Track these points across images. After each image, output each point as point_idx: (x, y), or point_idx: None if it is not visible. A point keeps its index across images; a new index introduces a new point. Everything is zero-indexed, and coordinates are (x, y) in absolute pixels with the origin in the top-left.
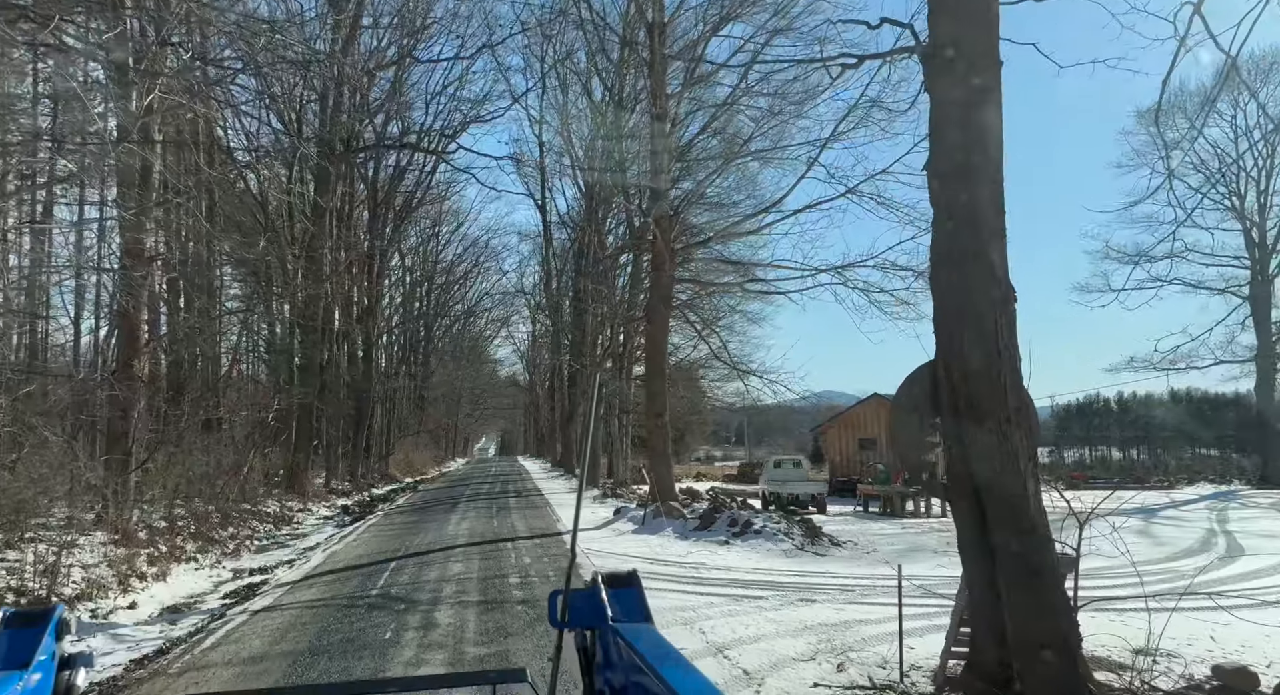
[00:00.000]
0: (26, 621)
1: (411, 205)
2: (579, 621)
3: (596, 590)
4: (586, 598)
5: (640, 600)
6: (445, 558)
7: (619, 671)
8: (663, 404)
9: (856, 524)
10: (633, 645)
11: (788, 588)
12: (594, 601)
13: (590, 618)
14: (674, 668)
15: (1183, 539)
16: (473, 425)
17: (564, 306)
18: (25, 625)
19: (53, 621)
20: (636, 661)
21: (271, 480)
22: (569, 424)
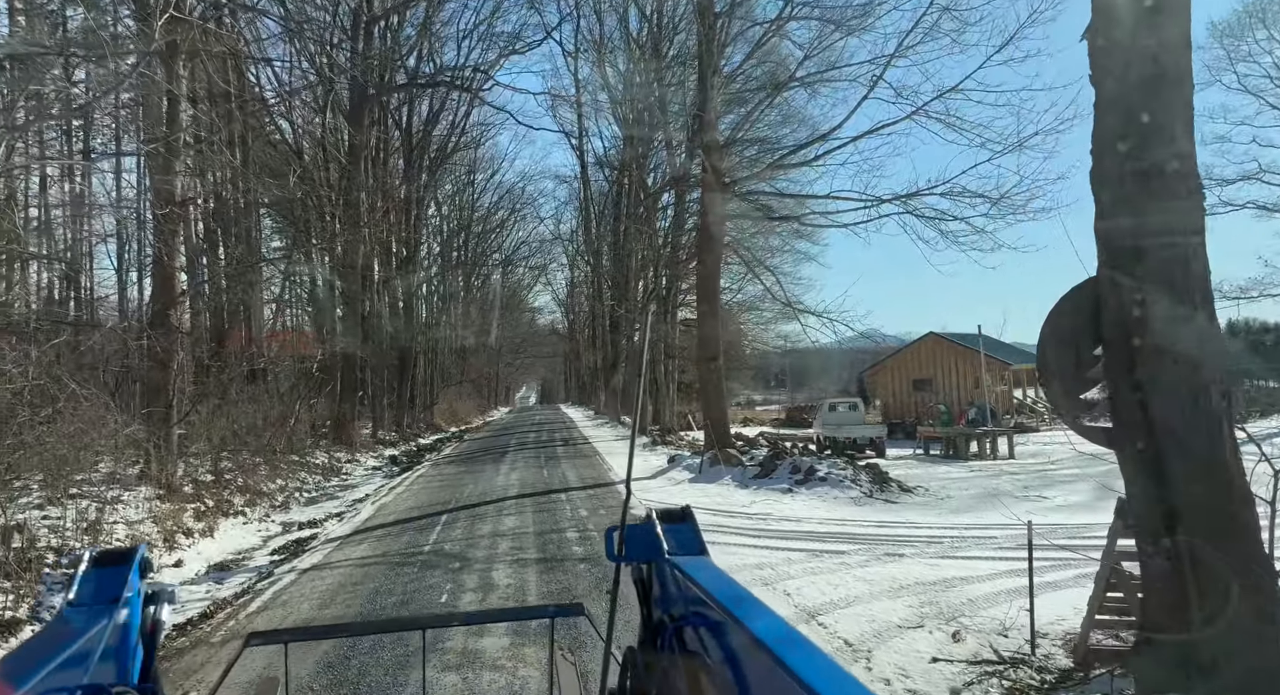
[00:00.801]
0: (112, 560)
1: (446, 151)
2: (635, 555)
3: (652, 525)
4: (642, 532)
5: (695, 534)
6: (498, 511)
7: (677, 602)
8: (716, 347)
9: (920, 468)
10: (690, 576)
11: (867, 540)
12: (650, 536)
13: (647, 552)
14: (732, 595)
15: None
16: (514, 375)
17: (603, 250)
18: (112, 564)
19: (136, 560)
20: (694, 591)
21: (318, 431)
22: (613, 371)
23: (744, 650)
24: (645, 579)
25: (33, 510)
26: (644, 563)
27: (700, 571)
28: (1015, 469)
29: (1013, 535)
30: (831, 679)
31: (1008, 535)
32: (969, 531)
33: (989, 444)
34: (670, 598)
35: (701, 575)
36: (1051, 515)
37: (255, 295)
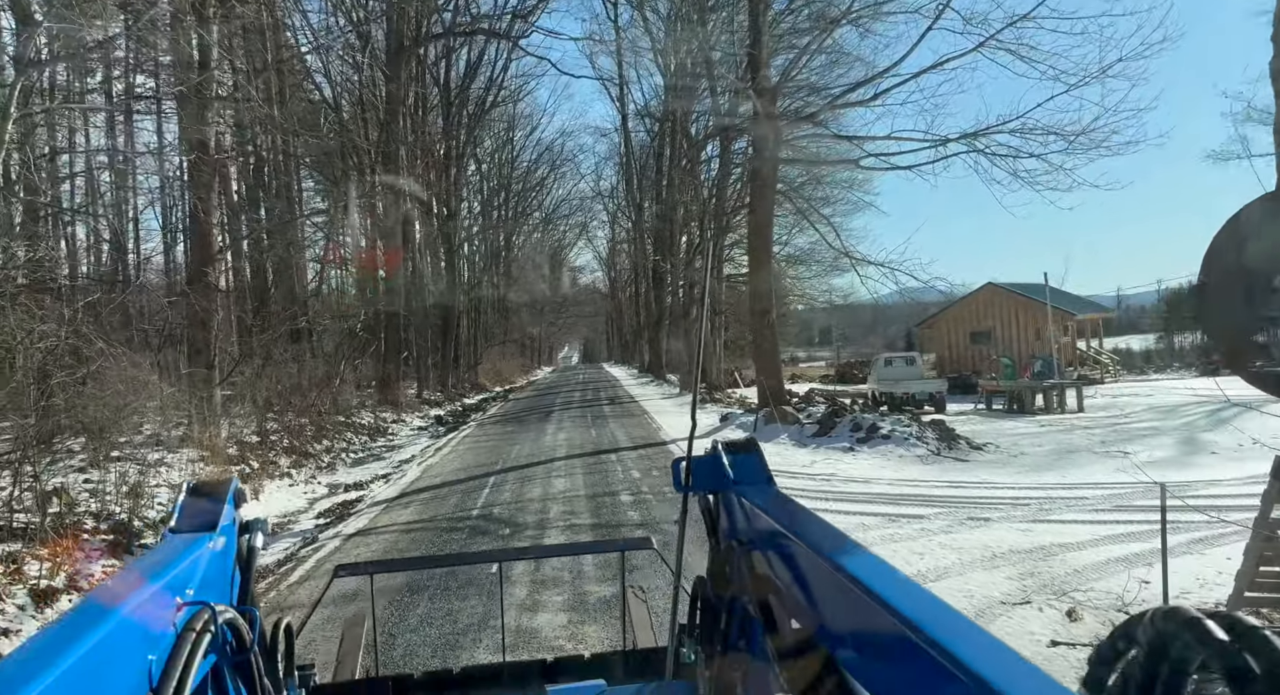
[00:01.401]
0: (208, 491)
1: (485, 106)
2: (702, 485)
3: (718, 456)
4: (709, 463)
5: (761, 464)
6: (546, 472)
7: (745, 530)
8: (769, 300)
9: (985, 423)
10: (757, 504)
11: (944, 502)
12: (716, 466)
13: (713, 481)
14: (802, 520)
15: None
16: (556, 334)
17: (645, 205)
18: (207, 494)
19: (231, 491)
20: (763, 518)
21: (364, 392)
22: (657, 327)
23: (817, 572)
24: (712, 509)
25: (74, 473)
26: (710, 493)
27: (768, 499)
28: (1087, 423)
29: (1104, 495)
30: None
31: (1099, 495)
32: (1055, 492)
33: (1056, 397)
34: (738, 526)
35: (769, 502)
36: (1138, 473)
37: (297, 253)
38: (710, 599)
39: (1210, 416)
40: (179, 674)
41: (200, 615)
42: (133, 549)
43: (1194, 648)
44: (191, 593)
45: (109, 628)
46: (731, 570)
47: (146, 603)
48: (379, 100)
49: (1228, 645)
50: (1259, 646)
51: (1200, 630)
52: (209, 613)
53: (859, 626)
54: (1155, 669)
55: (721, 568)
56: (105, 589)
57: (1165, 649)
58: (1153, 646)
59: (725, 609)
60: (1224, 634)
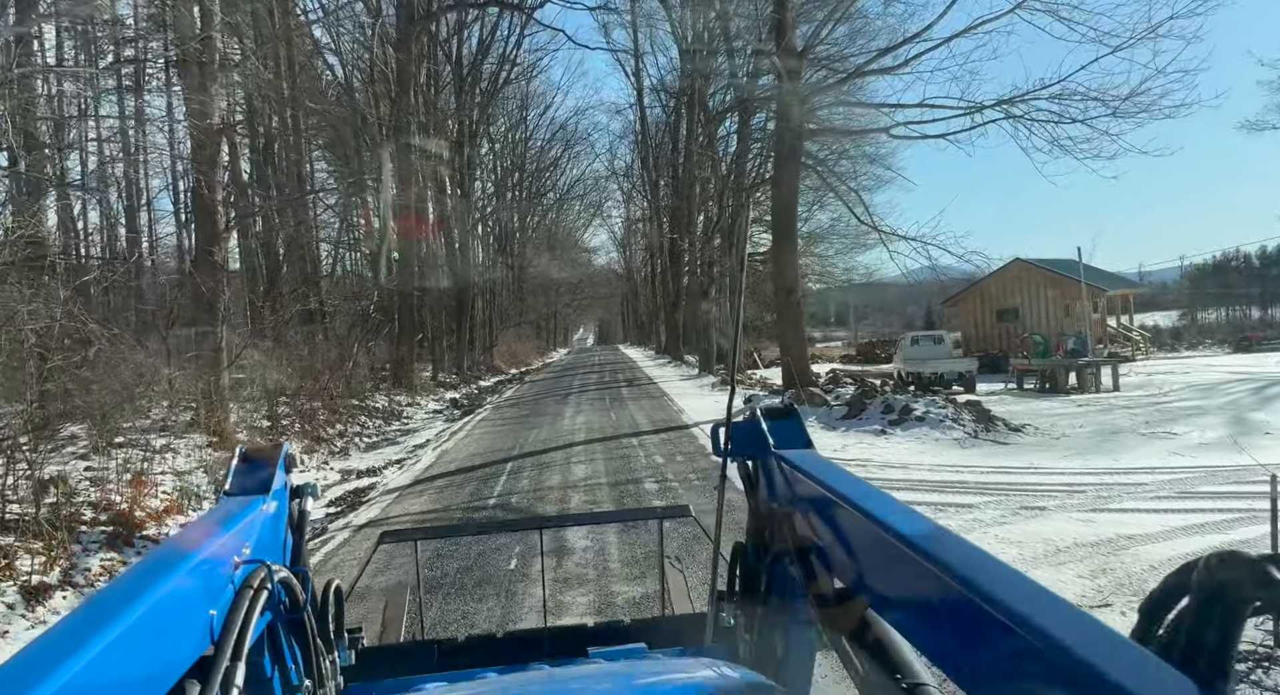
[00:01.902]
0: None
1: (497, 83)
2: (741, 451)
3: (757, 422)
4: (748, 429)
5: (800, 429)
6: (565, 458)
7: (784, 495)
8: (794, 277)
9: (1020, 403)
10: (798, 467)
11: (993, 490)
12: (755, 431)
13: (752, 447)
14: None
15: None
16: (571, 316)
17: (661, 182)
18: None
19: (282, 456)
20: (804, 482)
21: (378, 375)
22: (674, 308)
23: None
24: (752, 475)
25: (76, 460)
26: (749, 459)
27: (809, 462)
28: (1125, 402)
29: (1163, 481)
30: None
31: (1158, 481)
32: (1108, 477)
33: (1091, 376)
34: (778, 490)
35: (810, 466)
36: (1194, 455)
37: (309, 233)
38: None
39: (1256, 394)
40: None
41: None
42: (134, 541)
43: (1252, 591)
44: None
45: (172, 583)
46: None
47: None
48: (390, 75)
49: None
50: None
51: (1261, 572)
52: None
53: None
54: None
55: (761, 532)
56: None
57: (1220, 594)
58: (1208, 593)
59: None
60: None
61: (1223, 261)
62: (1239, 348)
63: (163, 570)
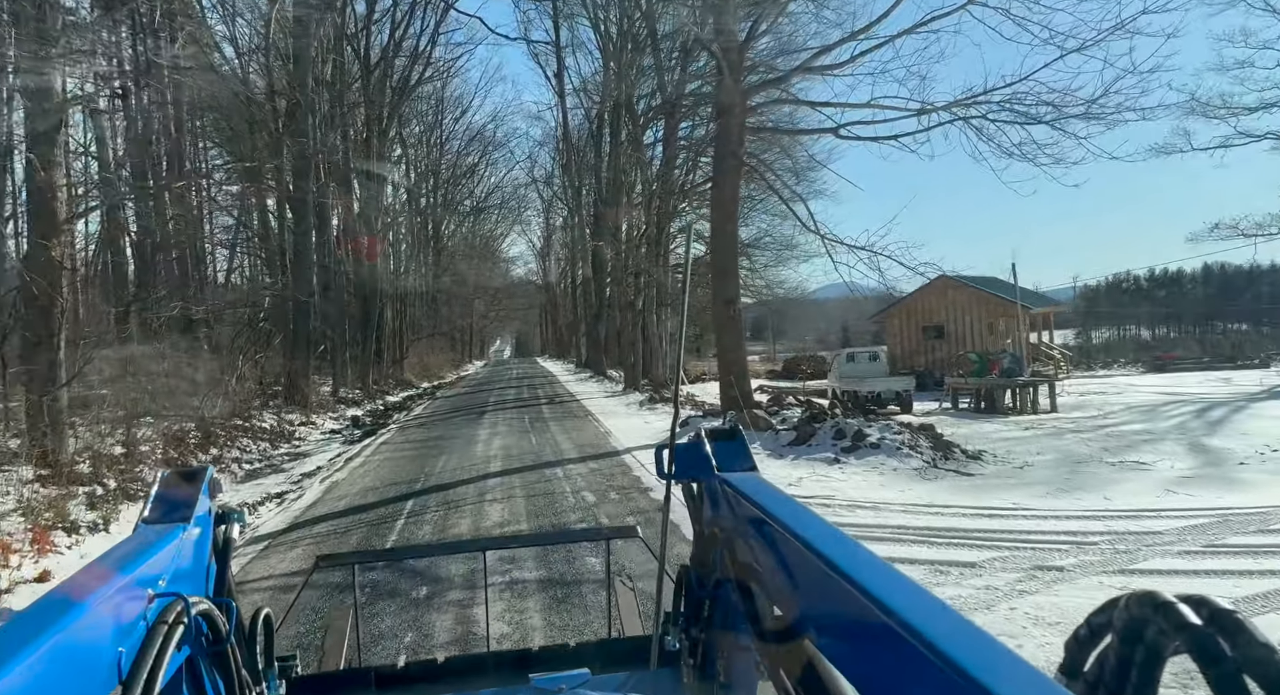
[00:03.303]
0: (183, 480)
1: (409, 82)
2: (685, 473)
3: (700, 443)
4: (691, 450)
5: (744, 451)
6: (478, 493)
7: (728, 517)
8: (735, 288)
9: (963, 425)
10: (740, 491)
11: (987, 540)
12: (699, 454)
13: (696, 469)
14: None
15: None
16: (488, 327)
17: (584, 189)
18: (183, 484)
19: (205, 481)
20: (746, 506)
21: (268, 390)
22: (598, 319)
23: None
24: (696, 497)
25: None
26: (693, 481)
27: (750, 486)
28: (1070, 425)
29: (1176, 528)
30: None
31: (1170, 528)
32: (1111, 521)
33: (1029, 396)
34: (721, 514)
35: (752, 489)
36: (1187, 493)
37: (191, 230)
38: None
39: (1198, 418)
40: (149, 666)
41: (173, 607)
42: None
43: (1168, 632)
44: (164, 584)
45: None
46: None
47: (116, 595)
48: (289, 66)
49: (1200, 628)
50: (1231, 629)
51: (1174, 614)
52: (182, 604)
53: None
54: (1130, 653)
55: (705, 555)
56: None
57: (1140, 633)
58: (1128, 631)
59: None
60: (1197, 618)
61: (1114, 283)
62: (1153, 368)
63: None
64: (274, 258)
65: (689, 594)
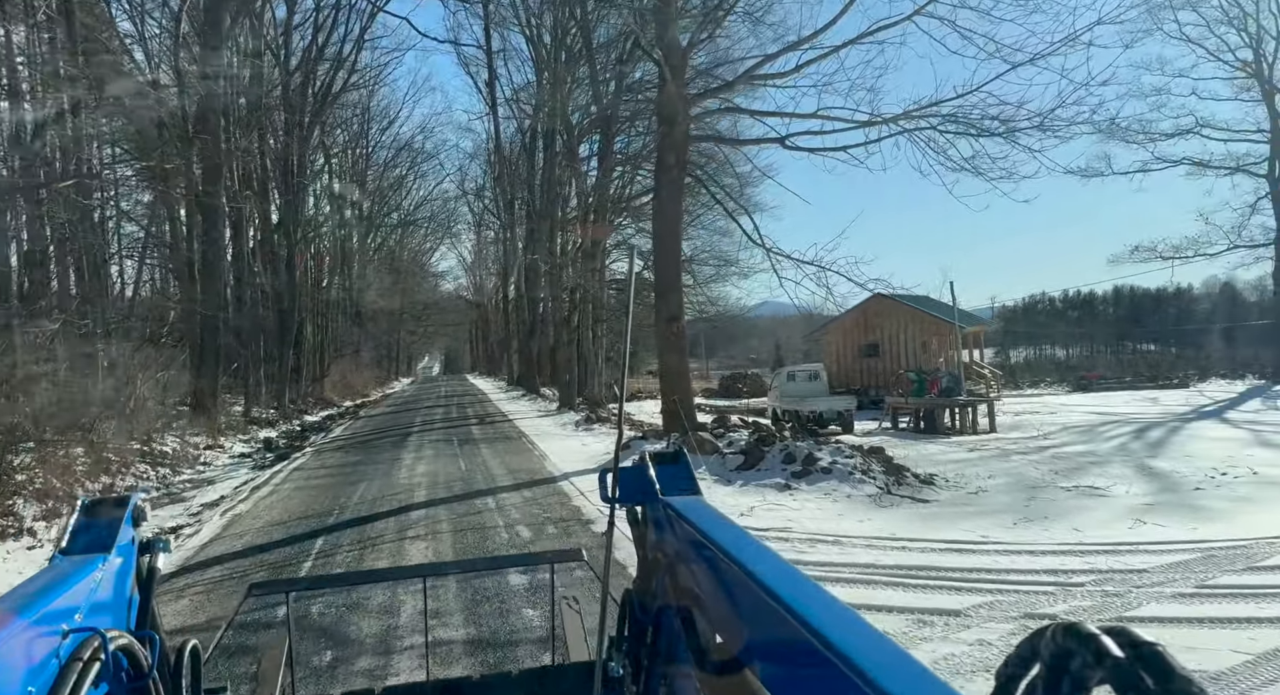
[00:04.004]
0: (106, 509)
1: (332, 89)
2: (629, 497)
3: (644, 467)
4: (635, 474)
5: (688, 475)
6: (399, 530)
7: (671, 542)
8: (678, 303)
9: (906, 446)
10: (683, 516)
11: (968, 581)
12: (643, 478)
13: (640, 493)
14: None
15: None
16: (416, 344)
17: (517, 202)
18: (105, 513)
19: (129, 509)
20: (688, 531)
21: (171, 411)
22: (531, 336)
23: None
24: (640, 521)
25: None
26: (638, 505)
27: (693, 511)
28: (1013, 447)
29: (1161, 565)
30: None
31: (1155, 565)
32: (1091, 557)
33: (969, 416)
34: (665, 538)
35: (695, 514)
36: (1157, 523)
37: (86, 237)
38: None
39: (1137, 438)
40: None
41: (89, 643)
42: None
43: (1091, 664)
44: (80, 618)
45: None
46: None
47: (25, 632)
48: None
49: (1123, 661)
50: (1153, 662)
51: (1097, 646)
52: (99, 639)
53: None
54: (1056, 684)
55: (648, 580)
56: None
57: (1066, 665)
58: (1054, 663)
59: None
60: (1119, 650)
61: (1031, 303)
62: (1078, 387)
63: None
64: (184, 269)
65: (632, 619)
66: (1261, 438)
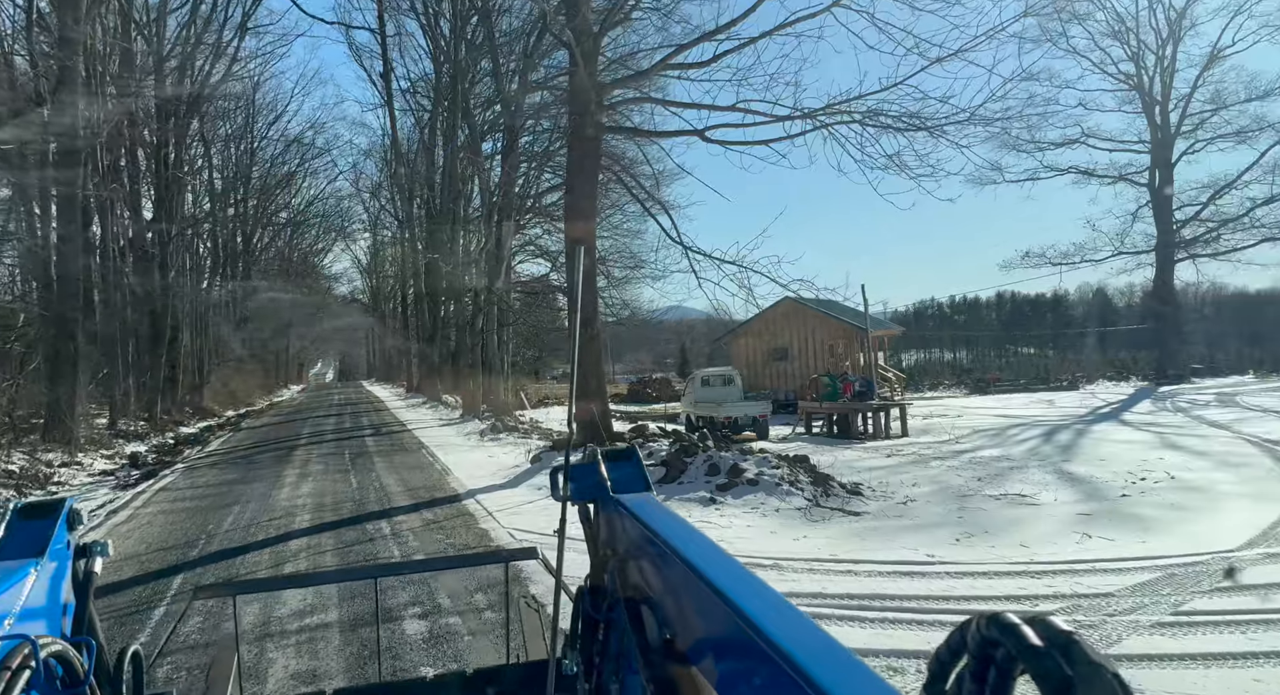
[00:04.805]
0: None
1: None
2: (581, 495)
3: (596, 465)
4: (587, 472)
5: (639, 472)
6: (275, 563)
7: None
8: (593, 306)
9: (824, 452)
10: (635, 513)
11: (917, 608)
12: (594, 475)
13: (591, 491)
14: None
15: None
16: (308, 350)
17: (415, 200)
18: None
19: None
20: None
21: (21, 425)
22: (432, 341)
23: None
24: (592, 519)
25: None
26: (589, 502)
27: (644, 508)
28: (929, 451)
29: (1126, 587)
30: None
31: (1121, 588)
32: (1057, 580)
33: (883, 420)
34: (616, 536)
35: (645, 512)
36: (1103, 535)
37: None
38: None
39: (1046, 442)
40: None
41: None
42: None
43: (1013, 653)
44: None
45: None
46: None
47: None
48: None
49: (1042, 649)
50: (1071, 650)
51: (1017, 636)
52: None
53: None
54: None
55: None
56: None
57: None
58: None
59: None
60: (1038, 639)
61: (921, 308)
62: (977, 389)
63: None
64: (40, 269)
65: (585, 617)
66: (1166, 440)
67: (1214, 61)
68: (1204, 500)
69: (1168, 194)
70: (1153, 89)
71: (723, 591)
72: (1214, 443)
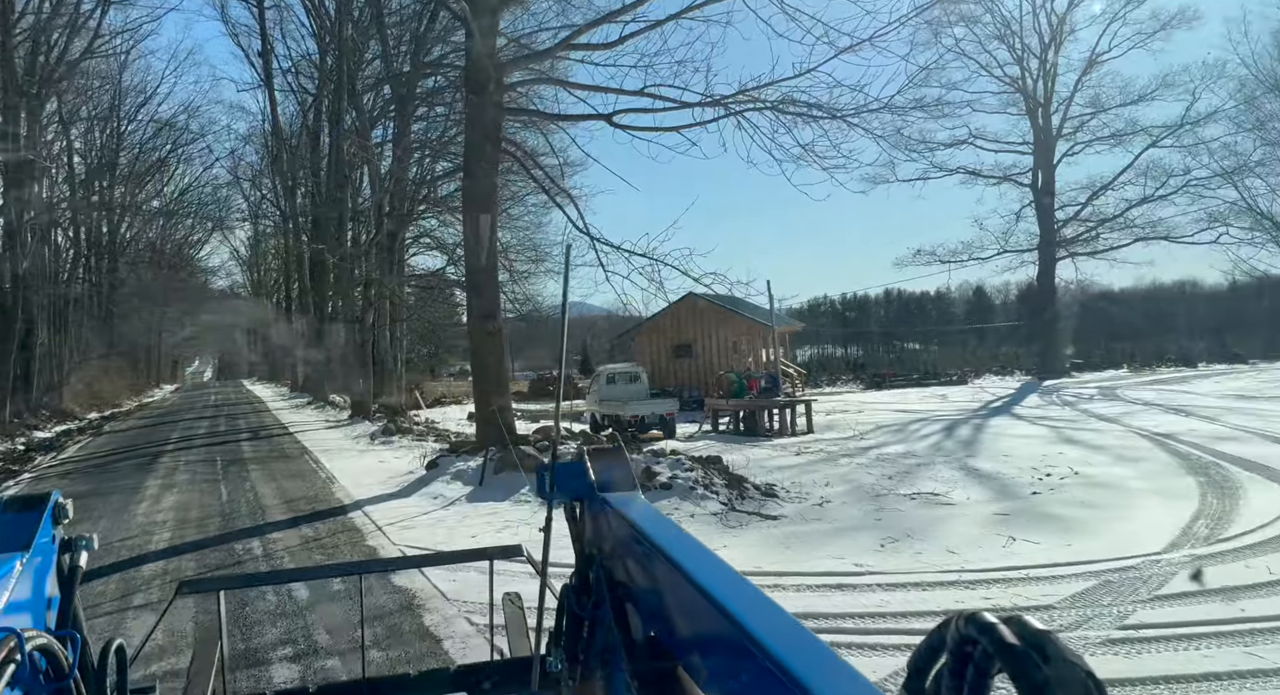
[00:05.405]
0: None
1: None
2: (567, 493)
3: (582, 463)
4: (573, 470)
5: (626, 471)
6: (123, 593)
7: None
8: (494, 298)
9: (733, 450)
10: (621, 512)
11: (856, 630)
12: (580, 473)
13: (578, 489)
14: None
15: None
16: (184, 347)
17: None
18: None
19: (49, 506)
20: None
21: None
22: (319, 338)
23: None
24: (578, 517)
25: None
26: (575, 500)
27: (630, 507)
28: (836, 448)
29: (1065, 595)
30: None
31: (1058, 596)
32: (987, 589)
33: (789, 417)
34: (602, 534)
35: (631, 511)
36: (1027, 538)
37: None
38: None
39: (948, 437)
40: None
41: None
42: None
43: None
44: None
45: None
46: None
47: None
48: None
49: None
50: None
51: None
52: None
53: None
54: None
55: (585, 576)
56: None
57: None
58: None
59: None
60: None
61: (813, 304)
62: (873, 384)
63: None
64: None
65: (570, 614)
66: (1062, 434)
67: (1092, 66)
68: (1114, 497)
69: (1049, 196)
70: (1036, 92)
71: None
72: (1107, 437)
